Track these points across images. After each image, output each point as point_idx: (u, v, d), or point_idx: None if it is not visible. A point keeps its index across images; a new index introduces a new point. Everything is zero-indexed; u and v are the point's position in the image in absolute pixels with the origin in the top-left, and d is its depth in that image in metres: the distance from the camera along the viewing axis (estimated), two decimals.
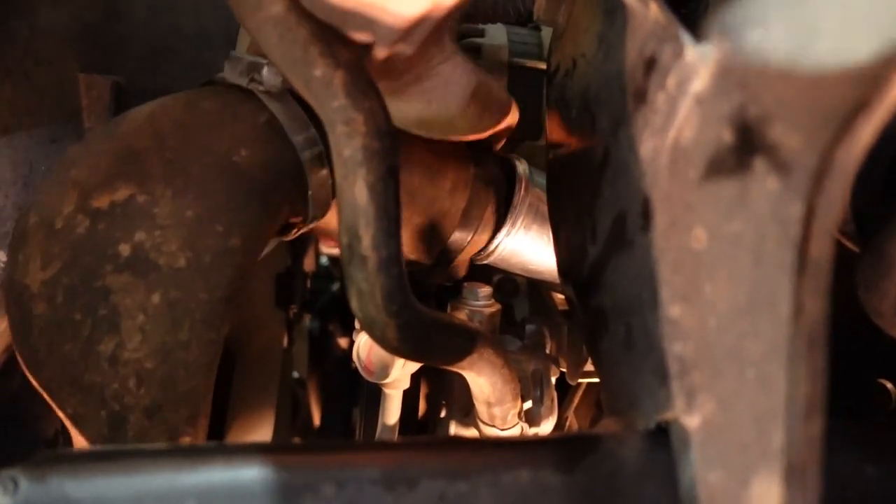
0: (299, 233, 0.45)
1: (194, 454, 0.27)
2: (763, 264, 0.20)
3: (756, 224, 0.21)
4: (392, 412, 0.55)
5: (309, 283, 1.20)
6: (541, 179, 0.55)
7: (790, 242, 0.19)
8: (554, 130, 0.46)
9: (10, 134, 0.43)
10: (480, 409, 0.52)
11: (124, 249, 0.34)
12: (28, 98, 0.45)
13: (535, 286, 0.75)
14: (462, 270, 0.55)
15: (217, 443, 0.37)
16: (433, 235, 0.51)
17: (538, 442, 0.29)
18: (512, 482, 0.25)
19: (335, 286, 1.42)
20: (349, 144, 0.27)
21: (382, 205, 0.27)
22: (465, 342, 0.40)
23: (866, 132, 0.17)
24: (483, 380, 0.46)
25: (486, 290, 0.59)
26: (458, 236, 0.52)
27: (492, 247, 0.54)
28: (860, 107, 0.17)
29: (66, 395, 0.33)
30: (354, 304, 0.28)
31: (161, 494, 0.24)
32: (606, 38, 0.32)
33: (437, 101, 0.42)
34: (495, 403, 0.49)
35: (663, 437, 0.27)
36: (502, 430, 0.53)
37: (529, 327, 0.64)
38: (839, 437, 0.24)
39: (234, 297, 0.37)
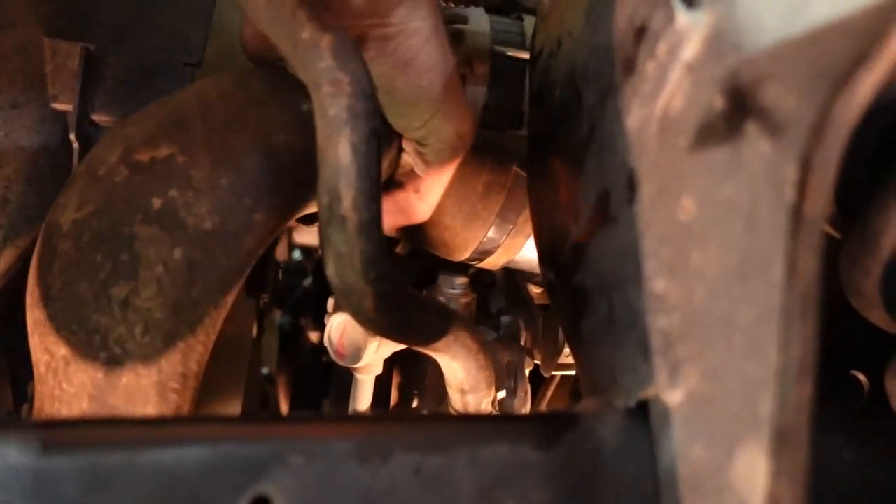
0: None
1: (159, 425, 0.26)
2: (755, 229, 0.20)
3: (748, 189, 0.20)
4: (363, 398, 0.54)
5: (280, 276, 1.18)
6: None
7: (784, 204, 0.19)
8: (536, 113, 0.45)
9: None
10: (454, 396, 0.51)
11: (156, 203, 0.35)
12: None
13: (511, 279, 0.74)
14: (495, 267, 0.54)
15: (182, 415, 0.35)
16: (462, 235, 0.50)
17: (517, 418, 0.28)
18: (490, 456, 0.24)
19: (307, 281, 1.40)
20: (334, 104, 0.27)
21: (365, 165, 0.26)
22: (441, 322, 0.39)
23: (866, 86, 0.17)
24: (457, 364, 0.45)
25: (462, 279, 0.59)
26: (492, 236, 0.51)
27: None
28: (859, 60, 0.17)
29: (68, 334, 0.34)
30: (331, 269, 0.27)
31: (121, 466, 0.22)
32: (595, 11, 0.32)
33: (405, 73, 0.38)
34: (469, 391, 0.48)
35: (643, 415, 0.26)
36: None
37: (505, 319, 0.63)
38: (818, 420, 0.24)
39: (246, 271, 0.38)
